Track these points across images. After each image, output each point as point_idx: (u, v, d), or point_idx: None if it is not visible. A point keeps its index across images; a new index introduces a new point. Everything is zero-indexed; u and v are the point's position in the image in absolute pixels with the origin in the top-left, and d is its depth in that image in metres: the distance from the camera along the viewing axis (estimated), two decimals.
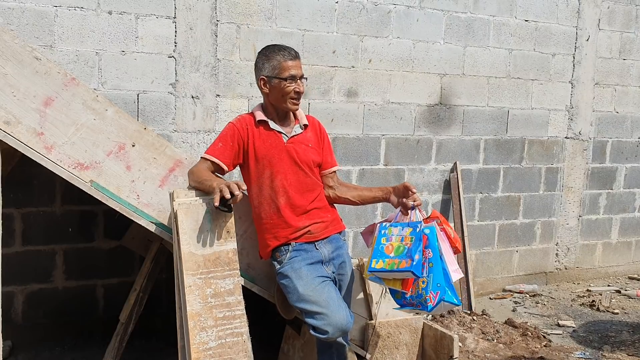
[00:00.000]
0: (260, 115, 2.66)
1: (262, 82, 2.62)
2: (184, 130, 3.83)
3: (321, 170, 2.79)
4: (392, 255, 2.45)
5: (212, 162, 2.58)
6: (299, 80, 2.60)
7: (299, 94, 2.61)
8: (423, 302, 2.45)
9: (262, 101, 2.75)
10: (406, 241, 2.44)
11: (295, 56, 2.60)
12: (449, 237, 2.61)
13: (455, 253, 2.63)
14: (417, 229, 2.45)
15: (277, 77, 2.57)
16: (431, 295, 2.43)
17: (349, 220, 4.33)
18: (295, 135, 2.69)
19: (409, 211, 2.58)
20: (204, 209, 2.43)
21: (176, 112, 3.80)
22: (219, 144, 2.60)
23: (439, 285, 2.43)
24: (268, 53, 2.61)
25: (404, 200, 2.61)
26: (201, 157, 2.61)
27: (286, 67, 2.56)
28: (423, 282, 2.45)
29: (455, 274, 2.54)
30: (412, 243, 2.42)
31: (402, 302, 2.56)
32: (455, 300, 2.47)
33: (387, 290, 2.70)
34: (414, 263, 2.37)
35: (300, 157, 2.66)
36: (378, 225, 2.61)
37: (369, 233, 2.83)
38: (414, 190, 2.60)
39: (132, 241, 3.57)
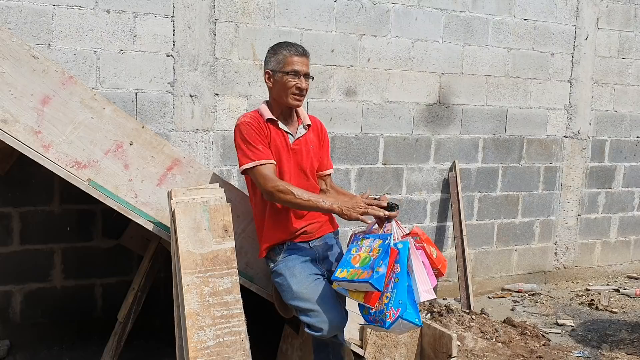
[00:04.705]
0: (268, 114, 2.63)
1: (266, 76, 2.63)
2: (183, 129, 3.82)
3: (316, 172, 2.79)
4: (357, 265, 2.36)
5: (274, 165, 2.54)
6: (302, 77, 2.58)
7: (300, 90, 2.59)
8: (383, 318, 2.31)
9: (267, 99, 2.73)
10: (373, 252, 2.36)
11: (302, 53, 2.60)
12: (429, 257, 2.48)
13: (437, 276, 2.50)
14: (387, 241, 2.36)
15: (280, 71, 2.57)
16: (391, 312, 2.29)
17: None
18: (300, 137, 2.68)
19: (387, 224, 2.47)
20: (202, 208, 2.43)
21: (174, 111, 3.79)
22: (259, 147, 2.53)
23: (400, 302, 2.29)
24: (276, 48, 2.63)
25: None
26: (262, 164, 2.50)
27: (290, 62, 2.56)
28: (387, 297, 2.32)
29: (426, 294, 2.38)
30: (377, 255, 2.33)
31: (368, 317, 2.41)
32: (416, 320, 2.30)
33: (357, 305, 2.53)
34: (375, 275, 2.26)
35: (304, 161, 2.67)
36: (353, 235, 2.55)
37: None
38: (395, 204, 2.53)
39: (130, 240, 3.57)
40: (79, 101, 2.55)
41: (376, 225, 2.54)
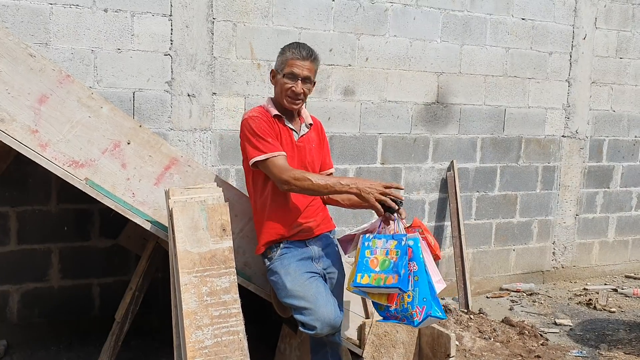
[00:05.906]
0: (274, 110, 2.63)
1: (271, 75, 2.66)
2: (180, 128, 3.81)
3: (319, 171, 2.79)
4: (377, 269, 2.39)
5: (285, 156, 2.54)
6: (299, 80, 2.56)
7: (294, 94, 2.58)
8: (409, 316, 2.39)
9: (271, 96, 2.74)
10: (391, 255, 2.39)
11: (305, 57, 2.57)
12: (429, 246, 2.57)
13: (435, 260, 2.59)
14: (402, 243, 2.40)
15: (280, 72, 2.59)
16: (417, 310, 2.37)
17: (346, 218, 4.32)
18: (303, 135, 2.70)
19: (391, 222, 2.51)
20: (199, 207, 2.42)
21: (172, 110, 3.78)
22: (268, 139, 2.53)
23: (425, 299, 2.37)
24: (285, 47, 2.63)
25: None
26: (274, 156, 2.49)
27: (290, 64, 2.56)
28: (409, 295, 2.39)
29: (439, 285, 2.48)
30: (397, 257, 2.37)
31: (386, 314, 2.49)
32: (440, 314, 2.42)
33: (371, 302, 2.63)
34: (401, 278, 2.32)
35: (307, 158, 2.67)
36: (361, 236, 2.55)
37: (347, 241, 2.80)
38: (402, 199, 2.55)
39: (128, 240, 3.56)
40: (76, 100, 2.54)
41: (381, 224, 2.54)
